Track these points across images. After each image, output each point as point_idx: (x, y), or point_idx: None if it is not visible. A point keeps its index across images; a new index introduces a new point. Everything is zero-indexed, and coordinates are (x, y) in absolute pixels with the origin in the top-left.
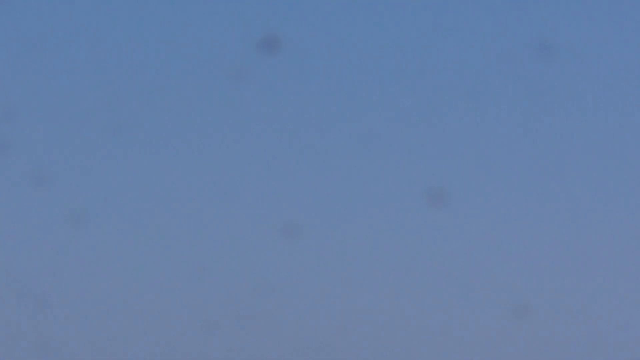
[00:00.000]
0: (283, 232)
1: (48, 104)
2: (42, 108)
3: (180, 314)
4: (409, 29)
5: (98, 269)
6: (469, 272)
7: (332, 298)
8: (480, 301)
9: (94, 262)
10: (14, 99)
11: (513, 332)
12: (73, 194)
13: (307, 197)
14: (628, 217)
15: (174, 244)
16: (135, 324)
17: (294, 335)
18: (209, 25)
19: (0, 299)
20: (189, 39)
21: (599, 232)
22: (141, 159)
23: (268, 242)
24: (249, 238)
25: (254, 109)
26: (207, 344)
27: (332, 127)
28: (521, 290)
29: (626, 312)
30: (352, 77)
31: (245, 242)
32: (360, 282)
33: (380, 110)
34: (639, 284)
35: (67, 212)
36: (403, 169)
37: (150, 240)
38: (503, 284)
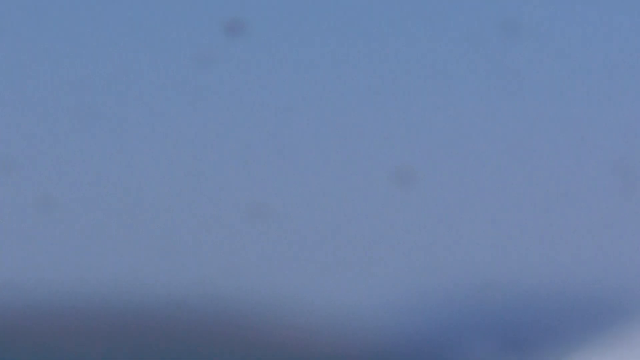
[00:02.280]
0: (252, 215)
1: (16, 93)
2: (8, 97)
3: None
4: (372, 9)
5: (63, 257)
6: (438, 253)
7: None
8: (448, 278)
9: (61, 249)
10: None
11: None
12: (40, 182)
13: (277, 180)
14: (602, 197)
15: (137, 231)
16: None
17: None
18: (173, 10)
19: None
20: (153, 24)
21: (569, 216)
22: (108, 146)
23: (238, 225)
24: (218, 222)
25: (220, 93)
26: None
27: (300, 111)
28: (487, 270)
29: None
30: (317, 59)
31: (216, 227)
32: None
33: (346, 91)
34: None
35: (34, 199)
36: (370, 150)
37: (115, 228)
38: (470, 261)
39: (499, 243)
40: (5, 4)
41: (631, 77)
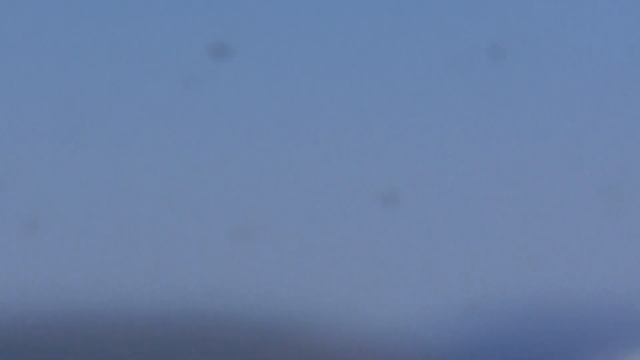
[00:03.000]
0: (236, 235)
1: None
2: None
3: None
4: (359, 32)
5: (52, 274)
6: (425, 272)
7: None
8: (432, 300)
9: (49, 269)
10: None
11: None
12: (28, 199)
13: (262, 201)
14: (591, 217)
15: (129, 250)
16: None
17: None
18: (160, 31)
19: None
20: (140, 45)
21: (556, 238)
22: (94, 164)
23: (223, 245)
24: (205, 243)
25: (205, 115)
26: None
27: (284, 132)
28: (474, 290)
29: None
30: (304, 83)
31: (202, 248)
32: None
33: (333, 114)
34: None
35: (22, 218)
36: (356, 172)
37: (104, 245)
38: (456, 283)
39: (492, 260)
40: None
41: (621, 100)
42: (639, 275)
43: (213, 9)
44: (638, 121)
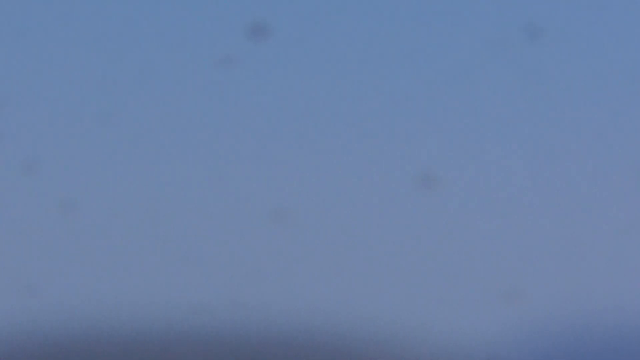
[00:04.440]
0: (273, 219)
1: (38, 93)
2: (31, 97)
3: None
4: (397, 14)
5: (87, 260)
6: (462, 259)
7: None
8: (472, 288)
9: (84, 253)
10: (3, 88)
11: (503, 317)
12: (63, 183)
13: (298, 184)
14: (627, 209)
15: (164, 234)
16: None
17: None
18: (197, 12)
19: None
20: (177, 26)
21: (592, 224)
22: (132, 148)
23: (257, 229)
24: (238, 226)
25: (243, 96)
26: None
27: (322, 114)
28: (513, 276)
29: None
30: (341, 65)
31: (235, 230)
32: (351, 272)
33: (371, 97)
34: None
35: (57, 202)
36: (395, 155)
37: (138, 231)
38: (495, 269)
39: (523, 247)
40: (29, 3)
41: None
42: None
43: None
44: None
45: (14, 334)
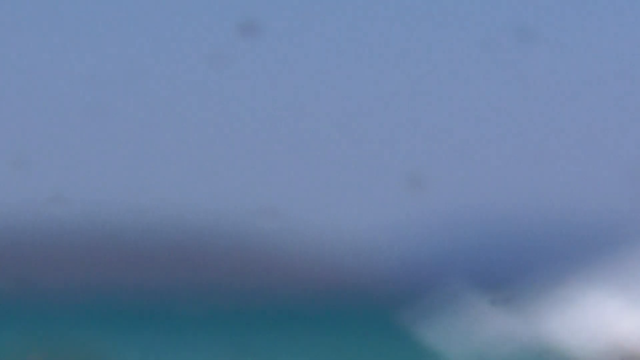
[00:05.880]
0: (265, 218)
1: (27, 88)
2: (20, 92)
3: None
4: (389, 16)
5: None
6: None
7: None
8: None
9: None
10: None
11: None
12: (53, 178)
13: (287, 182)
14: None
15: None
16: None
17: None
18: (188, 10)
19: None
20: (168, 24)
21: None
22: (121, 143)
23: (252, 228)
24: (230, 222)
25: (234, 94)
26: None
27: (311, 112)
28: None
29: None
30: (333, 64)
31: (235, 227)
32: None
33: (361, 95)
34: None
35: (48, 196)
36: (384, 155)
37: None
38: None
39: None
40: (22, 1)
41: None
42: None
43: None
44: None
45: None
